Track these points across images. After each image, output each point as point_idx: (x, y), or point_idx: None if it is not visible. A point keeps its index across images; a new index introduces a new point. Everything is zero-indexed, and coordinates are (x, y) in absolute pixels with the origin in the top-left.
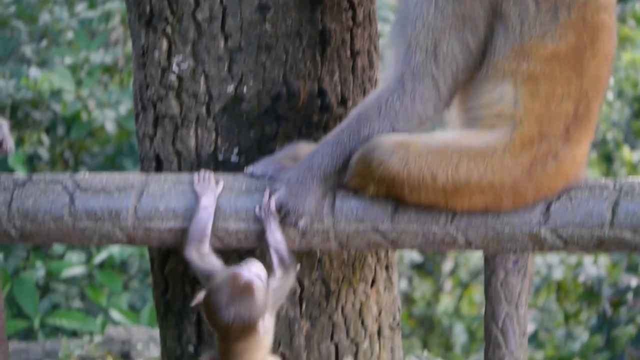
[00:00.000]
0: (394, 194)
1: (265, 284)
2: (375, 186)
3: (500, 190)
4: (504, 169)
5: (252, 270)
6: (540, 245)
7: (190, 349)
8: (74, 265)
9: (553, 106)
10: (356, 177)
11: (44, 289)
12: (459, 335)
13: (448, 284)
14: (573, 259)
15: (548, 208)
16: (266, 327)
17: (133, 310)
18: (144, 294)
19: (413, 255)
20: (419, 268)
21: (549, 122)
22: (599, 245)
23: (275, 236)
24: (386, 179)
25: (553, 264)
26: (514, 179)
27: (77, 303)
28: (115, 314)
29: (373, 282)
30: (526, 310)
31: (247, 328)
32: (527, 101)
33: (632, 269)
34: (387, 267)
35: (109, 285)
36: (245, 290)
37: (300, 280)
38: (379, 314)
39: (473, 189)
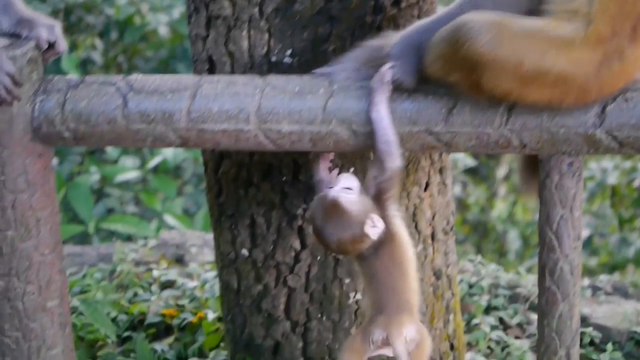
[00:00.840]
0: (472, 79)
1: (358, 192)
2: (456, 70)
3: (571, 84)
4: (580, 63)
5: (338, 186)
6: (595, 147)
7: (244, 252)
8: (128, 170)
9: (627, 6)
10: (437, 60)
11: (99, 194)
12: (513, 241)
13: (502, 190)
14: (627, 163)
15: (603, 110)
16: (378, 226)
17: (187, 215)
18: (198, 199)
19: (467, 161)
20: (472, 173)
21: (621, 21)
22: None
23: (380, 111)
24: (470, 60)
25: (608, 168)
26: (585, 74)
27: (131, 208)
28: (169, 219)
29: (427, 185)
30: (580, 214)
31: (356, 240)
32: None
33: None
34: (440, 171)
35: (163, 189)
36: (333, 209)
37: None
38: (433, 217)
39: (551, 79)
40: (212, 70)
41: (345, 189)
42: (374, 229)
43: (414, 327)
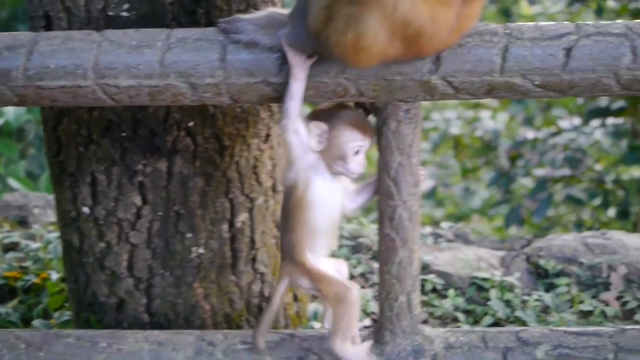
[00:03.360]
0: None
1: None
2: (332, 22)
3: (425, 38)
4: (437, 18)
5: None
6: (431, 93)
7: (86, 210)
8: None
9: None
10: (317, 14)
11: None
12: None
13: None
14: (470, 113)
15: (438, 56)
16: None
17: (31, 177)
18: (42, 161)
19: None
20: None
21: None
22: (490, 91)
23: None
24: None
25: (450, 119)
26: (439, 29)
27: None
28: (12, 182)
29: (267, 137)
30: (418, 160)
31: None
32: None
33: (528, 122)
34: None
35: (5, 152)
36: None
37: (193, 137)
38: (273, 169)
39: (412, 31)
40: (48, 26)
41: None
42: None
43: (300, 275)
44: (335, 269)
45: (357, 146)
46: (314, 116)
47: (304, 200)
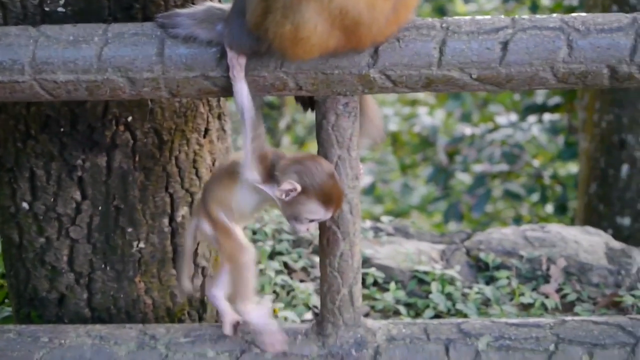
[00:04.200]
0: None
1: None
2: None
3: (362, 28)
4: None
5: None
6: (369, 86)
7: (25, 205)
8: None
9: None
10: (254, 10)
11: None
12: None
13: (286, 140)
14: (407, 109)
15: (376, 50)
16: None
17: None
18: None
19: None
20: None
21: None
22: (428, 85)
23: (238, 88)
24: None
25: (388, 115)
26: (376, 19)
27: None
28: None
29: (206, 131)
30: (358, 154)
31: None
32: None
33: (466, 118)
34: (219, 116)
35: None
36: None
37: (132, 132)
38: (213, 163)
39: (349, 21)
40: None
41: None
42: None
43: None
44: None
45: (316, 219)
46: (294, 164)
47: (237, 192)
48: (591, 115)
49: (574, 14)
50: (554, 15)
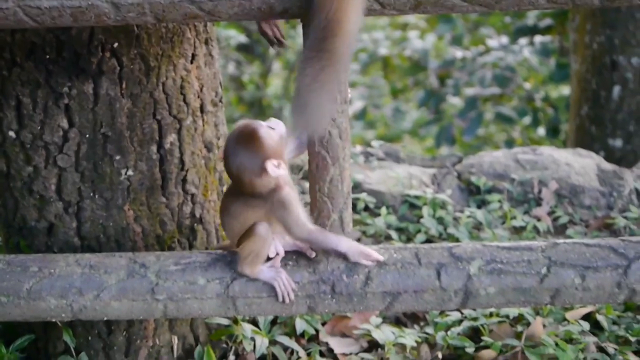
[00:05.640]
0: None
1: (280, 133)
2: None
3: None
4: None
5: (265, 123)
6: None
7: (11, 134)
8: None
9: None
10: None
11: None
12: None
13: (276, 66)
14: (398, 33)
15: None
16: (279, 172)
17: None
18: None
19: (240, 37)
20: (246, 51)
21: None
22: (417, 6)
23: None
24: None
25: (379, 39)
26: None
27: None
28: None
29: (193, 57)
30: (347, 77)
31: (254, 172)
32: None
33: (456, 41)
34: (206, 42)
35: None
36: (248, 134)
37: (118, 58)
38: (201, 89)
39: None
40: None
41: (269, 126)
42: (274, 168)
43: None
44: None
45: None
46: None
47: None
48: (582, 36)
49: None
50: None
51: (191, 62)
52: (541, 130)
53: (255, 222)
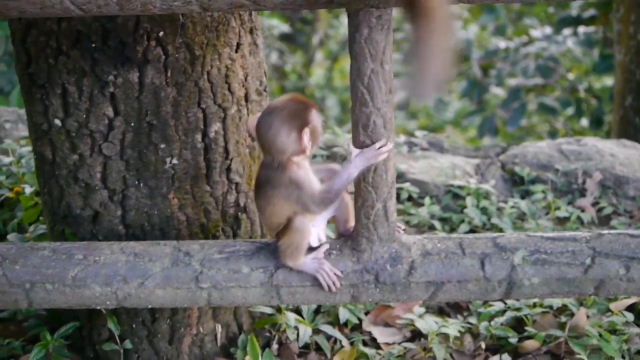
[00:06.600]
0: None
1: (321, 122)
2: None
3: None
4: None
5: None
6: None
7: (57, 122)
8: None
9: None
10: None
11: None
12: (332, 107)
13: (319, 56)
14: None
15: None
16: (307, 144)
17: (1, 93)
18: (12, 77)
19: (282, 27)
20: (289, 41)
21: None
22: None
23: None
24: None
25: None
26: None
27: None
28: None
29: (238, 46)
30: (391, 67)
31: (293, 130)
32: None
33: (500, 31)
34: (251, 31)
35: None
36: (303, 100)
37: (163, 47)
38: (245, 78)
39: None
40: None
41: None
42: (307, 139)
43: None
44: None
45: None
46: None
47: None
48: (627, 27)
49: None
50: None
51: (236, 51)
52: (584, 121)
53: (290, 216)
